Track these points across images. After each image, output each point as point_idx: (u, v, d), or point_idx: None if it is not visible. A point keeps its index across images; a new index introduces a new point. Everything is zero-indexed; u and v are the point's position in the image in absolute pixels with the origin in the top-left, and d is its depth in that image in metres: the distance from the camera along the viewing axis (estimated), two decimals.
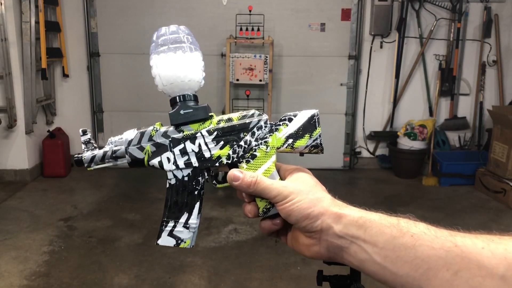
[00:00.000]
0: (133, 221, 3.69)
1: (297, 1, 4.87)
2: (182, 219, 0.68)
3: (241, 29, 4.61)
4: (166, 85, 0.66)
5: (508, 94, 5.11)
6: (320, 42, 4.95)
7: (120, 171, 4.98)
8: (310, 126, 0.67)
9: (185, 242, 0.68)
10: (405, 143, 4.86)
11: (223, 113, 4.68)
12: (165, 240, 0.68)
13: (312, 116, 0.67)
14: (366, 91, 5.10)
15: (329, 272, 0.70)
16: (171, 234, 0.68)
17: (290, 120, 0.67)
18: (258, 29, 4.61)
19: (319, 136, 0.67)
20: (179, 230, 0.68)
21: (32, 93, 4.38)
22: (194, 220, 0.68)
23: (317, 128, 0.67)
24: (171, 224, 0.68)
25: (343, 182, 4.86)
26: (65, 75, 4.90)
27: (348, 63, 5.03)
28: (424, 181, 4.77)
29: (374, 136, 5.21)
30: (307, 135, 0.67)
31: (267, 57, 4.53)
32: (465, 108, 5.21)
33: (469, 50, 5.07)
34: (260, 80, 4.59)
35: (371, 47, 5.00)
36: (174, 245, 0.68)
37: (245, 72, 4.57)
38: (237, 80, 4.59)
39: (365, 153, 5.29)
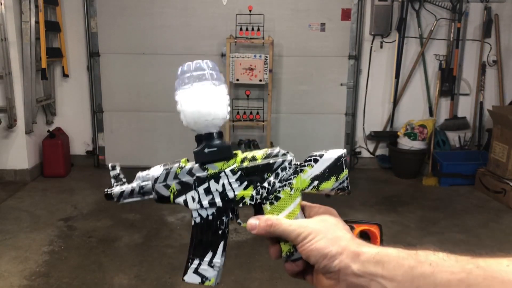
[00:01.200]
0: (133, 221, 3.69)
1: (297, 1, 4.87)
2: (207, 258, 0.69)
3: (241, 29, 4.61)
4: (190, 122, 0.67)
5: (508, 94, 5.11)
6: (320, 42, 4.95)
7: (120, 171, 4.97)
8: (336, 168, 0.65)
9: (209, 280, 0.68)
10: (405, 143, 4.86)
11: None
12: (191, 277, 0.69)
13: (339, 158, 0.65)
14: (366, 91, 5.10)
15: None
16: (196, 271, 0.69)
17: (315, 161, 0.66)
18: (258, 29, 4.61)
19: (346, 178, 0.66)
20: (204, 268, 0.69)
21: (32, 93, 4.38)
22: (218, 260, 0.69)
23: (344, 170, 0.65)
24: (196, 262, 0.69)
25: None
26: (65, 75, 4.90)
27: (348, 63, 5.03)
28: (424, 181, 4.76)
29: (374, 136, 5.21)
30: (333, 177, 0.65)
31: (267, 57, 4.53)
32: (465, 108, 5.21)
33: (469, 50, 5.07)
34: (260, 80, 4.59)
35: (371, 47, 5.00)
36: (199, 283, 0.69)
37: (245, 72, 4.57)
38: (237, 80, 4.59)
39: (365, 153, 5.29)
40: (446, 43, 5.03)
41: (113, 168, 0.73)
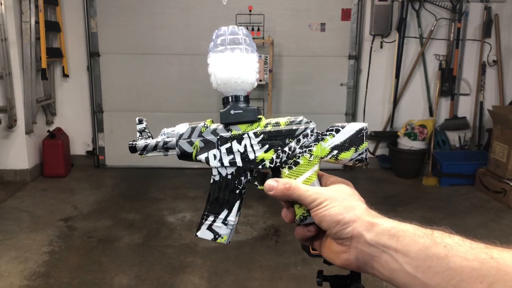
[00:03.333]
0: (133, 221, 3.69)
1: (297, 1, 4.87)
2: (222, 215, 0.70)
3: None
4: (220, 84, 0.68)
5: (508, 94, 5.11)
6: (320, 42, 4.95)
7: (120, 171, 4.98)
8: (357, 139, 0.67)
9: (222, 238, 0.70)
10: (405, 143, 4.86)
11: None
12: (204, 233, 0.71)
13: (361, 130, 0.67)
14: (366, 91, 5.10)
15: (329, 272, 0.70)
16: (210, 228, 0.71)
17: (337, 131, 0.68)
18: (258, 29, 4.61)
19: (365, 150, 0.67)
20: (218, 225, 0.70)
21: (32, 93, 4.38)
22: (232, 218, 0.70)
23: (364, 142, 0.67)
24: (211, 218, 0.71)
25: None
26: (65, 75, 4.91)
27: (348, 63, 5.03)
28: (424, 181, 4.76)
29: (374, 136, 5.21)
30: (353, 148, 0.67)
31: (267, 57, 4.53)
32: (465, 108, 5.21)
33: (469, 50, 5.07)
34: (260, 80, 4.59)
35: (371, 47, 5.00)
36: (212, 239, 0.71)
37: None
38: None
39: None
40: (446, 43, 5.03)
41: (140, 122, 0.75)
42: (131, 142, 0.74)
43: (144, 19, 4.86)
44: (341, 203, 0.60)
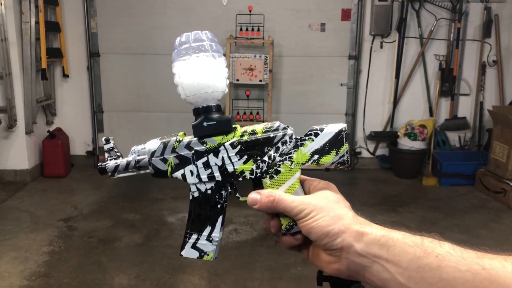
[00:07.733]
0: (133, 221, 3.69)
1: (297, 1, 4.87)
2: (205, 232, 0.68)
3: (241, 29, 4.61)
4: (189, 96, 0.65)
5: (508, 94, 5.11)
6: (320, 42, 4.95)
7: None
8: (337, 142, 0.65)
9: (208, 255, 0.68)
10: (405, 143, 4.86)
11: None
12: (188, 252, 0.68)
13: (340, 132, 0.65)
14: (366, 91, 5.10)
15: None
16: (194, 246, 0.68)
17: (316, 134, 0.65)
18: (258, 29, 4.61)
19: (346, 152, 0.65)
20: (203, 243, 0.68)
21: (32, 93, 4.38)
22: (217, 234, 0.67)
23: (344, 144, 0.65)
24: (194, 236, 0.68)
25: (343, 182, 4.85)
26: (65, 75, 4.90)
27: (348, 63, 5.03)
28: (424, 181, 4.76)
29: (374, 136, 5.21)
30: (333, 151, 0.65)
31: (267, 57, 4.53)
32: (465, 108, 5.21)
33: (469, 50, 5.07)
34: (260, 80, 4.59)
35: (371, 47, 5.00)
36: (198, 257, 0.68)
37: (245, 72, 4.57)
38: (237, 80, 4.59)
39: (365, 153, 5.29)
40: (446, 43, 5.03)
41: (107, 141, 0.70)
42: (100, 164, 0.70)
43: (144, 19, 4.86)
44: (328, 213, 0.58)
